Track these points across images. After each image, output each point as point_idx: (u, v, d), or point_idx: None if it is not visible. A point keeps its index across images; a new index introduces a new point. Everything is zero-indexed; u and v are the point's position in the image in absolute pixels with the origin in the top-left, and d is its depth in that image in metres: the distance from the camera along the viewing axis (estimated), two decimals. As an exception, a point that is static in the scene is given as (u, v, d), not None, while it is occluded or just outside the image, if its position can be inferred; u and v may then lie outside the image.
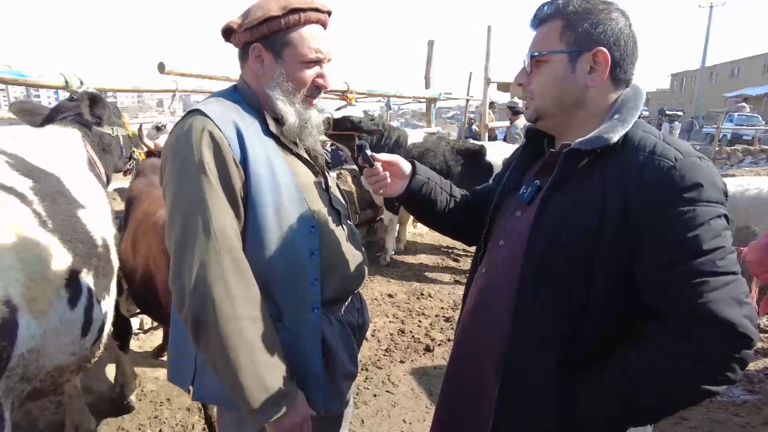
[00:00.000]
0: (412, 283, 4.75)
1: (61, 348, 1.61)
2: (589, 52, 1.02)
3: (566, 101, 1.07)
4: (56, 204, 1.73)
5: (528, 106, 1.13)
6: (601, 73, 1.03)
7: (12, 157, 1.80)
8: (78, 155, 2.22)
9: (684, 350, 0.89)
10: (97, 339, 1.85)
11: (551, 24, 1.06)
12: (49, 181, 1.83)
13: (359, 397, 2.91)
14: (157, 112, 23.27)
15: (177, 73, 3.68)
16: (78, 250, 1.71)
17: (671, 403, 0.95)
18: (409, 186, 1.34)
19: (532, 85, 1.10)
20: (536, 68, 1.08)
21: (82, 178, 2.09)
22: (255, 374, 1.09)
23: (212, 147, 1.12)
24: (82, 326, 1.70)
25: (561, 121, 1.11)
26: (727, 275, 0.89)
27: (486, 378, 1.15)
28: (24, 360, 1.39)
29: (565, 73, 1.05)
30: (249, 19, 1.20)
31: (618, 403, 0.97)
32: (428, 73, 7.07)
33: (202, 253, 1.08)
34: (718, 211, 0.92)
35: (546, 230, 1.03)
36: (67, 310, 1.61)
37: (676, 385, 0.92)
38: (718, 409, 2.83)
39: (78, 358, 1.74)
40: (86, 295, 1.72)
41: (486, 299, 1.20)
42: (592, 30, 1.02)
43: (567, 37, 1.03)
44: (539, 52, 1.07)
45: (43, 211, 1.64)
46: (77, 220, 1.80)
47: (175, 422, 2.64)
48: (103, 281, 1.88)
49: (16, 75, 2.75)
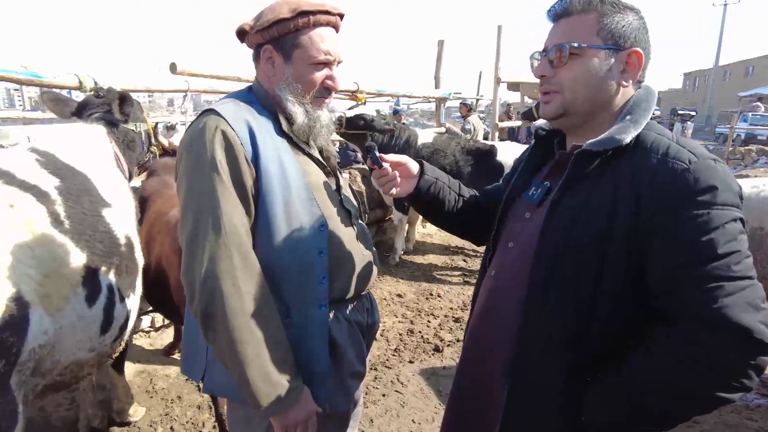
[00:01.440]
0: (421, 283, 4.75)
1: (78, 344, 1.63)
2: (625, 51, 1.00)
3: (597, 100, 1.04)
4: (80, 203, 1.76)
5: (550, 101, 1.07)
6: (633, 74, 1.02)
7: (43, 155, 1.84)
8: (105, 152, 2.26)
9: (696, 356, 0.87)
10: (119, 336, 1.88)
11: (584, 17, 1.01)
12: (77, 179, 1.86)
13: (368, 396, 2.92)
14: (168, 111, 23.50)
15: (188, 73, 3.72)
16: (96, 248, 1.73)
17: (683, 410, 0.93)
18: (418, 186, 1.34)
19: (559, 77, 1.04)
20: (570, 61, 1.02)
21: (110, 176, 2.13)
22: (261, 368, 1.11)
23: (225, 145, 1.15)
24: (102, 324, 1.72)
25: (585, 120, 1.07)
26: (743, 279, 0.87)
27: (494, 380, 1.14)
28: (35, 355, 1.41)
29: (602, 70, 1.01)
30: (260, 21, 1.22)
31: (626, 409, 0.95)
32: (438, 72, 7.06)
33: (213, 248, 1.10)
34: (734, 215, 0.90)
35: (556, 233, 1.02)
36: (85, 308, 1.63)
37: (688, 392, 0.90)
38: (731, 413, 2.80)
39: (97, 354, 1.76)
40: (106, 293, 1.74)
41: (495, 302, 1.20)
42: (628, 29, 1.00)
43: (604, 33, 1.00)
44: (578, 43, 1.00)
45: (63, 209, 1.66)
46: (100, 218, 1.82)
47: (186, 419, 2.67)
48: (126, 279, 1.90)
49: (32, 76, 2.80)
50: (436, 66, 7.07)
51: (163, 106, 32.20)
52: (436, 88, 7.13)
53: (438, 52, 7.02)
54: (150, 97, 26.92)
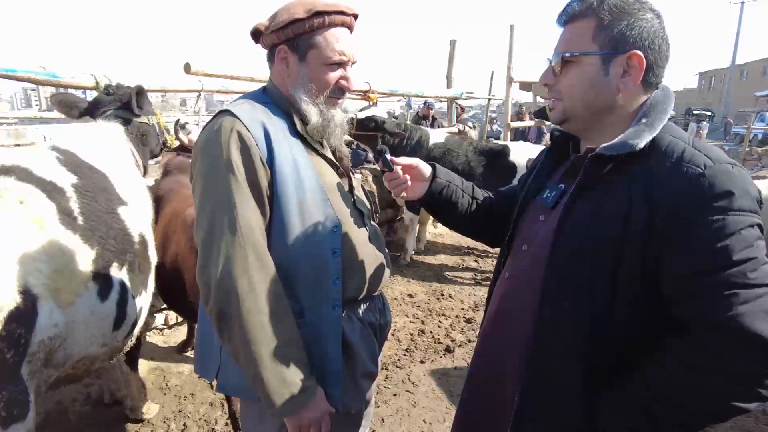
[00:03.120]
0: (432, 284, 4.75)
1: (91, 339, 1.67)
2: (624, 54, 0.98)
3: (596, 105, 1.03)
4: (96, 200, 1.79)
5: (554, 107, 1.09)
6: (635, 77, 0.99)
7: (64, 153, 1.88)
8: (123, 150, 2.31)
9: (710, 364, 0.85)
10: (130, 332, 1.91)
11: (583, 23, 1.01)
12: (95, 177, 1.90)
13: (379, 396, 2.93)
14: (180, 111, 23.73)
15: (202, 73, 3.76)
16: (110, 245, 1.76)
17: (698, 419, 0.91)
18: (430, 189, 1.34)
19: (560, 85, 1.06)
20: (566, 69, 1.04)
21: (127, 174, 2.17)
22: (275, 368, 1.12)
23: (240, 146, 1.15)
24: (115, 319, 1.75)
25: (589, 124, 1.07)
26: (759, 287, 0.84)
27: (507, 383, 1.14)
28: (45, 346, 1.45)
29: (597, 76, 1.00)
30: (275, 21, 1.23)
31: (641, 417, 0.94)
32: (450, 72, 7.06)
33: (228, 248, 1.11)
34: (751, 221, 0.87)
35: (570, 237, 1.01)
36: (98, 303, 1.66)
37: (703, 401, 0.88)
38: (746, 418, 2.76)
39: (109, 348, 1.80)
40: (118, 290, 1.77)
41: (508, 305, 1.19)
42: (628, 31, 0.97)
43: (600, 38, 0.99)
44: (570, 52, 1.02)
45: (78, 206, 1.70)
46: (115, 216, 1.85)
47: (199, 416, 2.70)
48: (139, 277, 1.92)
49: (50, 76, 2.86)
50: (448, 66, 7.07)
51: (176, 105, 32.50)
52: (448, 87, 7.11)
53: (450, 52, 7.01)
54: (163, 97, 27.20)
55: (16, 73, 2.72)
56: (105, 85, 2.72)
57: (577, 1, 1.03)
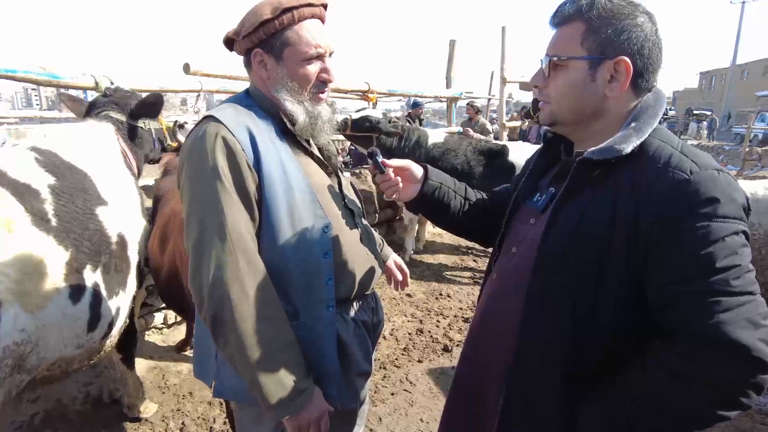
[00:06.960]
0: (431, 283, 4.76)
1: (65, 341, 1.64)
2: (611, 60, 0.97)
3: (583, 110, 1.03)
4: (73, 201, 1.77)
5: (543, 109, 1.09)
6: (622, 83, 0.98)
7: (43, 153, 1.85)
8: (111, 149, 2.30)
9: (691, 372, 0.85)
10: (107, 333, 1.88)
11: (572, 26, 1.00)
12: (75, 177, 1.87)
13: (377, 395, 2.94)
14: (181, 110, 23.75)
15: (202, 73, 3.78)
16: (84, 246, 1.74)
17: (678, 426, 0.90)
18: (422, 190, 1.34)
19: (549, 88, 1.05)
20: (555, 72, 1.03)
21: (113, 174, 2.15)
22: (272, 371, 1.12)
23: (226, 151, 1.15)
24: (89, 321, 1.73)
25: (577, 128, 1.07)
26: (742, 295, 0.84)
27: (492, 385, 1.14)
28: (11, 352, 1.42)
29: (584, 81, 1.00)
30: (245, 26, 1.22)
31: (621, 423, 0.93)
32: (449, 72, 7.05)
33: (219, 254, 1.11)
34: (735, 228, 0.86)
35: (556, 240, 1.01)
36: (69, 305, 1.64)
37: (684, 408, 0.87)
38: (744, 417, 2.77)
39: (85, 350, 1.77)
40: (91, 291, 1.74)
41: (495, 306, 1.20)
42: (616, 37, 0.96)
43: (589, 42, 0.98)
44: (558, 56, 1.01)
45: (53, 208, 1.67)
46: (92, 217, 1.83)
47: (197, 415, 2.71)
48: (115, 277, 1.90)
49: (51, 77, 2.87)
50: (448, 66, 7.06)
51: (176, 105, 32.52)
52: (447, 87, 7.12)
53: (449, 52, 7.01)
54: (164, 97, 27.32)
55: (16, 73, 2.73)
56: (105, 87, 2.74)
57: (568, 3, 1.02)
